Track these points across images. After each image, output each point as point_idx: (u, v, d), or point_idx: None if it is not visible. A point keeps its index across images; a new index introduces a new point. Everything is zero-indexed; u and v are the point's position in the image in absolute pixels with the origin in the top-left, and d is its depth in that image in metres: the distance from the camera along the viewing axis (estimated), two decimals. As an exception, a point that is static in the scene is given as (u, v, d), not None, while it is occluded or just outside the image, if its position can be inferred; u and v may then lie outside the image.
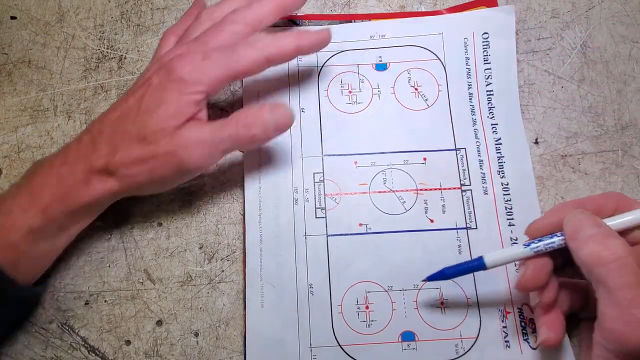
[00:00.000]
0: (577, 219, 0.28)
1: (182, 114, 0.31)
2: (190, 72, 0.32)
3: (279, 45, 0.33)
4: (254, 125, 0.33)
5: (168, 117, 0.31)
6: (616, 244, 0.26)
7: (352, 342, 0.33)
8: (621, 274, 0.25)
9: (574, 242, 0.27)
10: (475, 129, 0.37)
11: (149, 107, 0.31)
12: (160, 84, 0.32)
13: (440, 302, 0.34)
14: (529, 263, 0.29)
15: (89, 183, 0.31)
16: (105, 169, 0.31)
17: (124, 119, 0.32)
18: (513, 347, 0.33)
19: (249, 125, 0.32)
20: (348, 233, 0.35)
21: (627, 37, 0.39)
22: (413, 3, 0.41)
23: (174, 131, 0.31)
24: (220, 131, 0.32)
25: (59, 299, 0.35)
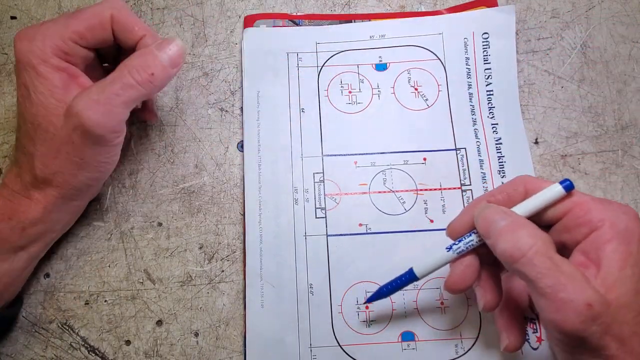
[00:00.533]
0: (485, 214, 0.27)
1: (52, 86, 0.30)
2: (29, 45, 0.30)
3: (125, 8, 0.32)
4: (147, 66, 0.30)
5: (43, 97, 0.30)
6: (524, 235, 0.25)
7: (352, 342, 0.33)
8: (535, 264, 0.24)
9: (489, 240, 0.27)
10: (475, 128, 0.37)
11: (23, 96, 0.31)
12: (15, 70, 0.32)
13: (440, 302, 0.34)
14: (454, 265, 0.29)
15: (31, 198, 0.31)
16: (36, 178, 0.31)
17: (20, 126, 0.32)
18: (513, 348, 0.33)
19: (141, 67, 0.30)
20: (348, 233, 0.35)
21: (627, 37, 0.39)
22: (413, 3, 0.41)
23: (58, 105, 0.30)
24: (110, 86, 0.30)
25: (59, 299, 0.35)
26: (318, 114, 0.38)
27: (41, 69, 0.30)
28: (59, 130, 0.30)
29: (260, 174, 0.36)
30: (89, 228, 0.37)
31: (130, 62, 0.30)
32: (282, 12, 0.41)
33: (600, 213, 0.26)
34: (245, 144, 0.37)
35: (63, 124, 0.30)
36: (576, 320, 0.23)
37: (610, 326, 0.23)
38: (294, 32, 0.39)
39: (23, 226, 0.31)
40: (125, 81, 0.30)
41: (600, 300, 0.23)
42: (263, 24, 0.40)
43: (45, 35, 0.31)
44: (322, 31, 0.39)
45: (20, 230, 0.31)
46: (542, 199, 0.27)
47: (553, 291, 0.23)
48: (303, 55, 0.39)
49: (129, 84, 0.30)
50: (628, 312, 0.24)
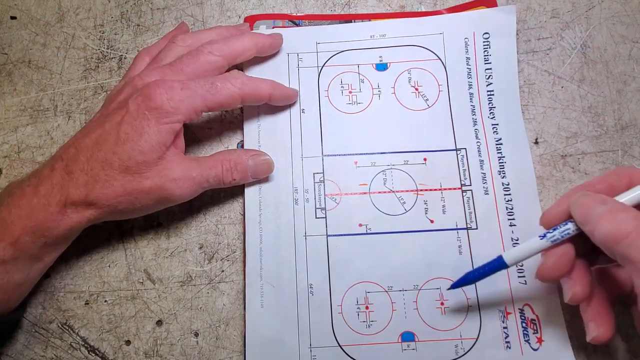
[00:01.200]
0: (583, 202, 0.27)
1: (162, 143, 0.32)
2: (169, 101, 0.32)
3: (255, 88, 0.35)
4: (235, 170, 0.35)
5: (151, 148, 0.31)
6: (627, 217, 0.25)
7: (352, 343, 0.33)
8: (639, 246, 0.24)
9: (586, 226, 0.27)
10: (475, 129, 0.37)
11: (129, 135, 0.31)
12: (138, 110, 0.32)
13: (440, 302, 0.34)
14: (549, 253, 0.29)
15: (64, 214, 0.31)
16: (84, 201, 0.31)
17: (101, 146, 0.32)
18: (514, 348, 0.33)
19: (231, 169, 0.34)
20: (348, 233, 0.35)
21: (627, 37, 0.39)
22: (413, 3, 0.41)
23: (157, 162, 0.32)
24: (206, 171, 0.34)
25: (59, 299, 0.35)
26: (318, 114, 0.38)
27: (167, 127, 0.32)
28: (139, 181, 0.32)
29: None
30: (89, 228, 0.37)
31: (229, 159, 0.34)
32: (282, 13, 0.41)
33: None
34: (246, 144, 0.37)
35: (149, 178, 0.32)
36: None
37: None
38: (294, 33, 0.39)
39: (46, 241, 0.31)
40: (219, 173, 0.34)
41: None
42: (263, 24, 0.40)
43: (193, 99, 0.33)
44: (322, 31, 0.39)
45: (42, 244, 0.31)
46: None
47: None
48: (303, 55, 0.39)
49: (219, 177, 0.34)
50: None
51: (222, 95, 0.33)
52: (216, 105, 0.33)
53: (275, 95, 0.36)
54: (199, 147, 0.38)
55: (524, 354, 0.33)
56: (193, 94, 0.32)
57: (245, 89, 0.34)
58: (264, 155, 0.36)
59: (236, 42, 0.36)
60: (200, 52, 0.34)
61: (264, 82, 0.36)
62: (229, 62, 0.35)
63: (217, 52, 0.35)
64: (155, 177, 0.32)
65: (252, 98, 0.35)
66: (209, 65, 0.34)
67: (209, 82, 0.33)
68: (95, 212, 0.32)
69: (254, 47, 0.36)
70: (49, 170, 0.32)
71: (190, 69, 0.34)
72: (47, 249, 0.32)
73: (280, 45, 0.38)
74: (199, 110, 0.33)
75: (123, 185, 0.31)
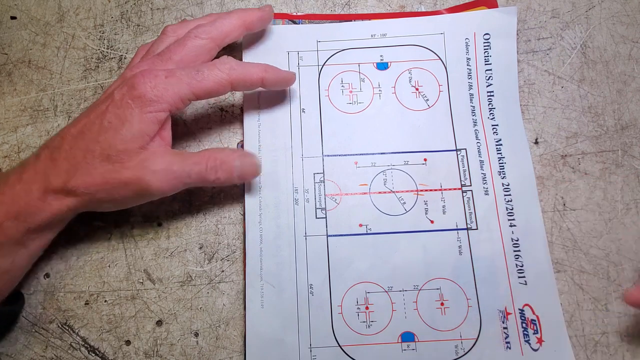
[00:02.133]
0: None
1: (145, 133, 0.31)
2: (153, 89, 0.31)
3: (245, 72, 0.34)
4: (220, 169, 0.33)
5: (132, 137, 0.31)
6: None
7: (352, 343, 0.33)
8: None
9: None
10: (475, 129, 0.37)
11: (112, 124, 0.31)
12: (122, 99, 0.32)
13: (440, 302, 0.34)
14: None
15: (45, 201, 0.31)
16: (64, 188, 0.31)
17: (85, 134, 0.32)
18: (514, 348, 0.33)
19: (216, 167, 0.33)
20: (348, 233, 0.35)
21: (627, 37, 0.39)
22: (413, 3, 0.41)
23: (138, 152, 0.31)
24: (189, 166, 0.33)
25: (59, 299, 0.35)
26: (319, 114, 0.38)
27: (151, 116, 0.32)
28: (119, 170, 0.31)
29: (261, 174, 0.36)
30: (88, 228, 0.37)
31: (215, 158, 0.33)
32: (282, 12, 0.41)
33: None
34: (246, 144, 0.37)
35: (129, 168, 0.31)
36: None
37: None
38: (295, 31, 0.39)
39: (29, 227, 0.31)
40: (202, 170, 0.33)
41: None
42: (263, 24, 0.40)
43: (178, 87, 0.32)
44: (323, 29, 0.39)
45: (25, 230, 0.31)
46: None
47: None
48: (304, 54, 0.39)
49: (202, 174, 0.33)
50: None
51: (209, 82, 0.33)
52: (203, 92, 0.33)
53: (268, 79, 0.35)
54: (198, 146, 0.38)
55: (524, 354, 0.33)
56: (178, 81, 0.32)
57: (233, 73, 0.33)
58: (252, 156, 0.35)
59: (223, 22, 0.35)
60: (187, 38, 0.34)
61: (255, 65, 0.35)
62: (217, 44, 0.35)
63: (203, 35, 0.34)
64: (136, 167, 0.31)
65: (243, 84, 0.34)
66: (198, 50, 0.34)
67: (194, 69, 0.33)
68: (75, 200, 0.31)
69: (241, 24, 0.35)
70: (34, 158, 0.32)
71: (178, 56, 0.33)
72: (30, 235, 0.32)
73: (270, 17, 0.37)
74: (185, 98, 0.32)
75: (102, 174, 0.31)
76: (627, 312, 0.34)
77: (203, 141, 0.38)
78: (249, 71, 0.34)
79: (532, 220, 0.35)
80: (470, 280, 0.34)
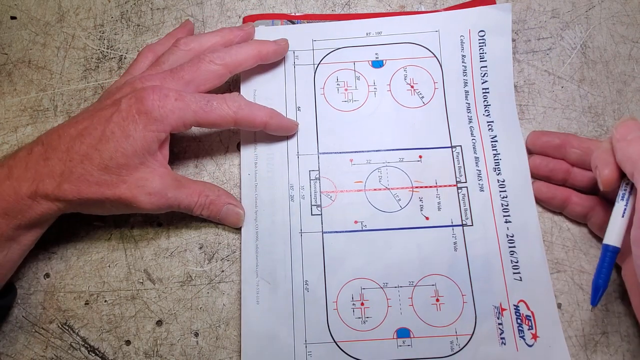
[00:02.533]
0: (627, 124, 0.30)
1: (145, 150, 0.32)
2: (160, 109, 0.32)
3: (250, 114, 0.35)
4: (207, 208, 0.34)
5: (134, 153, 0.31)
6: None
7: (347, 339, 0.33)
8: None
9: (621, 143, 0.29)
10: (471, 126, 0.37)
11: (115, 134, 0.31)
12: (128, 111, 0.32)
13: (435, 299, 0.34)
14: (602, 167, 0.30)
15: (35, 200, 0.31)
16: (55, 192, 0.31)
17: (84, 139, 0.31)
18: (509, 344, 0.33)
19: (203, 206, 0.34)
20: (343, 230, 0.35)
21: (627, 37, 0.39)
22: (413, 3, 0.41)
23: (137, 167, 0.32)
24: (181, 196, 0.33)
25: (59, 299, 0.35)
26: (314, 113, 0.38)
27: (153, 134, 0.32)
28: (116, 184, 0.31)
29: (257, 171, 0.37)
30: (89, 228, 0.37)
31: (206, 196, 0.34)
32: (282, 13, 0.41)
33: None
34: (242, 141, 0.37)
35: (126, 183, 0.31)
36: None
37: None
38: (291, 30, 0.39)
39: (19, 223, 0.31)
40: (191, 204, 0.34)
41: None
42: (262, 24, 0.40)
43: (184, 112, 0.33)
44: (318, 28, 0.39)
45: (15, 226, 0.31)
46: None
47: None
48: (299, 53, 0.39)
49: (190, 207, 0.34)
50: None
51: (214, 115, 0.33)
52: (207, 123, 0.33)
53: (270, 125, 0.35)
54: (198, 146, 0.38)
55: (519, 350, 0.33)
56: (186, 106, 0.32)
57: (240, 113, 0.34)
58: (239, 208, 0.35)
59: (239, 50, 0.35)
60: (202, 61, 0.34)
61: (262, 109, 0.35)
62: (230, 70, 0.35)
63: (218, 61, 0.34)
64: (132, 184, 0.32)
65: (246, 124, 0.35)
66: (210, 74, 0.34)
67: (205, 99, 0.33)
68: (65, 203, 0.32)
69: (257, 55, 0.36)
70: (26, 152, 0.32)
71: (189, 76, 0.34)
72: (21, 231, 0.32)
73: (285, 51, 0.38)
74: (188, 123, 0.33)
75: (98, 184, 0.31)
76: (627, 312, 0.34)
77: (203, 141, 0.38)
78: (255, 114, 0.35)
79: (527, 216, 0.35)
80: (465, 277, 0.34)
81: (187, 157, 0.38)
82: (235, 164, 0.38)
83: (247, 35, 0.37)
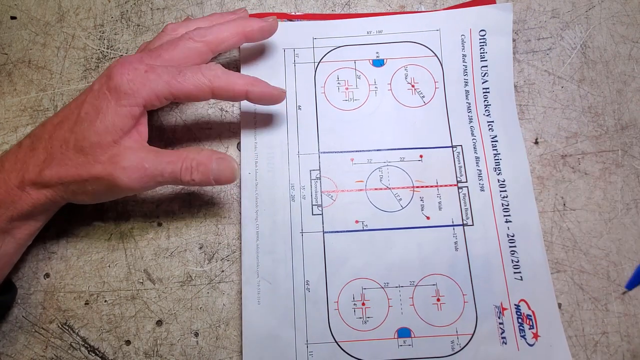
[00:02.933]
0: None
1: (119, 127, 0.31)
2: (129, 82, 0.31)
3: (229, 82, 0.33)
4: (196, 170, 0.32)
5: (106, 130, 0.31)
6: None
7: (349, 339, 0.33)
8: None
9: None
10: (471, 126, 0.37)
11: (88, 114, 0.31)
12: (99, 90, 0.31)
13: (436, 298, 0.34)
14: None
15: (24, 190, 0.31)
16: (38, 179, 0.31)
17: (63, 124, 0.31)
18: (510, 344, 0.33)
19: (191, 169, 0.32)
20: (344, 230, 0.35)
21: (627, 37, 0.39)
22: (413, 3, 0.41)
23: (111, 145, 0.31)
24: (162, 165, 0.32)
25: (59, 299, 0.35)
26: (315, 111, 0.38)
27: (125, 109, 0.31)
28: (92, 164, 0.31)
29: (257, 171, 0.37)
30: (89, 228, 0.37)
31: (191, 159, 0.32)
32: (282, 12, 0.41)
33: None
34: (242, 141, 0.37)
35: (101, 162, 0.31)
36: None
37: None
38: (291, 28, 0.39)
39: (11, 215, 0.31)
40: (176, 170, 0.32)
41: None
42: (262, 23, 0.40)
43: (156, 83, 0.31)
44: (319, 26, 0.39)
45: (8, 218, 0.31)
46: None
47: None
48: (300, 51, 0.39)
49: (176, 175, 0.32)
50: None
51: (188, 85, 0.32)
52: (181, 94, 0.32)
53: (253, 93, 0.33)
54: (199, 146, 0.38)
55: (520, 349, 0.33)
56: (157, 77, 0.31)
57: (216, 82, 0.32)
58: (231, 160, 0.33)
59: (220, 27, 0.34)
60: (181, 38, 0.33)
61: (242, 77, 0.33)
62: (211, 48, 0.34)
63: (197, 38, 0.33)
64: (106, 162, 0.31)
65: (225, 94, 0.33)
66: (189, 52, 0.33)
67: (177, 69, 0.32)
68: (51, 191, 0.32)
69: (240, 32, 0.35)
70: (16, 147, 0.32)
71: (168, 54, 0.33)
72: (14, 224, 0.32)
73: (274, 30, 0.36)
74: (161, 95, 0.32)
75: (75, 167, 0.31)
76: (627, 312, 0.34)
77: (203, 141, 0.38)
78: (234, 82, 0.33)
79: (528, 216, 0.35)
80: (466, 276, 0.34)
81: (187, 157, 0.38)
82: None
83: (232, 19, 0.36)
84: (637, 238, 0.36)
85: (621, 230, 0.36)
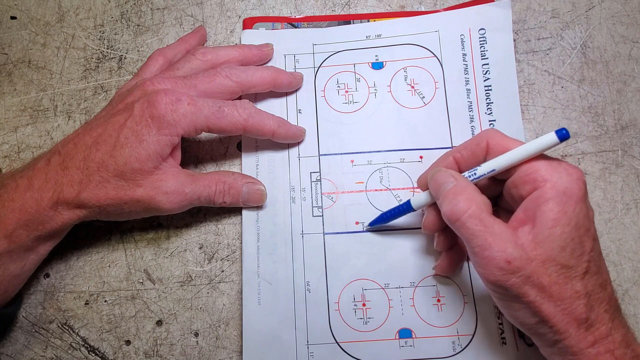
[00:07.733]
0: (436, 177, 0.30)
1: (159, 154, 0.32)
2: (172, 113, 0.32)
3: (260, 122, 0.35)
4: (228, 193, 0.35)
5: (148, 157, 0.32)
6: (461, 200, 0.28)
7: (349, 340, 0.33)
8: (468, 227, 0.27)
9: (438, 200, 0.30)
10: (472, 125, 0.37)
11: (129, 140, 0.32)
12: (141, 116, 0.32)
13: (436, 299, 0.34)
14: (429, 209, 0.32)
15: (56, 210, 0.31)
16: (75, 200, 0.31)
17: (100, 146, 0.32)
18: (509, 344, 0.33)
19: (224, 192, 0.35)
20: (345, 231, 0.35)
21: (627, 37, 0.39)
22: (413, 3, 0.41)
23: (152, 171, 0.32)
24: (199, 189, 0.34)
25: (59, 299, 0.35)
26: (315, 115, 0.38)
27: (166, 138, 0.32)
28: (133, 188, 0.32)
29: (258, 173, 0.37)
30: (89, 228, 0.37)
31: (224, 181, 0.35)
32: (282, 15, 0.41)
33: (545, 173, 0.28)
34: (243, 143, 0.38)
35: (142, 186, 0.32)
36: (497, 273, 0.26)
37: (529, 278, 0.26)
38: (291, 34, 0.39)
39: (39, 234, 0.32)
40: (211, 193, 0.34)
41: (520, 257, 0.26)
42: (262, 26, 0.40)
43: (196, 116, 0.33)
44: (318, 33, 0.39)
45: (36, 237, 0.32)
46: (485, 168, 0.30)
47: (480, 250, 0.27)
48: (300, 56, 0.39)
49: (210, 197, 0.34)
50: (551, 266, 0.26)
51: (225, 121, 0.33)
52: (217, 129, 0.33)
53: (279, 134, 0.36)
54: (198, 146, 0.38)
55: (519, 349, 0.33)
56: (198, 111, 0.32)
57: (250, 120, 0.34)
58: (259, 184, 0.36)
59: (256, 73, 0.36)
60: (218, 74, 0.34)
61: (271, 118, 0.35)
62: (242, 89, 0.35)
63: (234, 78, 0.35)
64: (148, 187, 0.32)
65: (255, 131, 0.35)
66: (223, 88, 0.34)
67: (217, 105, 0.33)
68: (85, 211, 0.32)
69: (272, 82, 0.36)
70: (44, 163, 0.32)
71: (203, 86, 0.34)
72: (40, 242, 0.32)
73: (299, 84, 0.38)
74: (199, 128, 0.33)
75: (115, 190, 0.32)
76: (627, 312, 0.34)
77: (203, 141, 0.38)
78: (265, 123, 0.35)
79: None
80: (466, 277, 0.34)
81: (187, 157, 0.38)
82: (235, 164, 0.38)
83: (265, 56, 0.38)
84: (637, 238, 0.36)
85: (621, 230, 0.36)
